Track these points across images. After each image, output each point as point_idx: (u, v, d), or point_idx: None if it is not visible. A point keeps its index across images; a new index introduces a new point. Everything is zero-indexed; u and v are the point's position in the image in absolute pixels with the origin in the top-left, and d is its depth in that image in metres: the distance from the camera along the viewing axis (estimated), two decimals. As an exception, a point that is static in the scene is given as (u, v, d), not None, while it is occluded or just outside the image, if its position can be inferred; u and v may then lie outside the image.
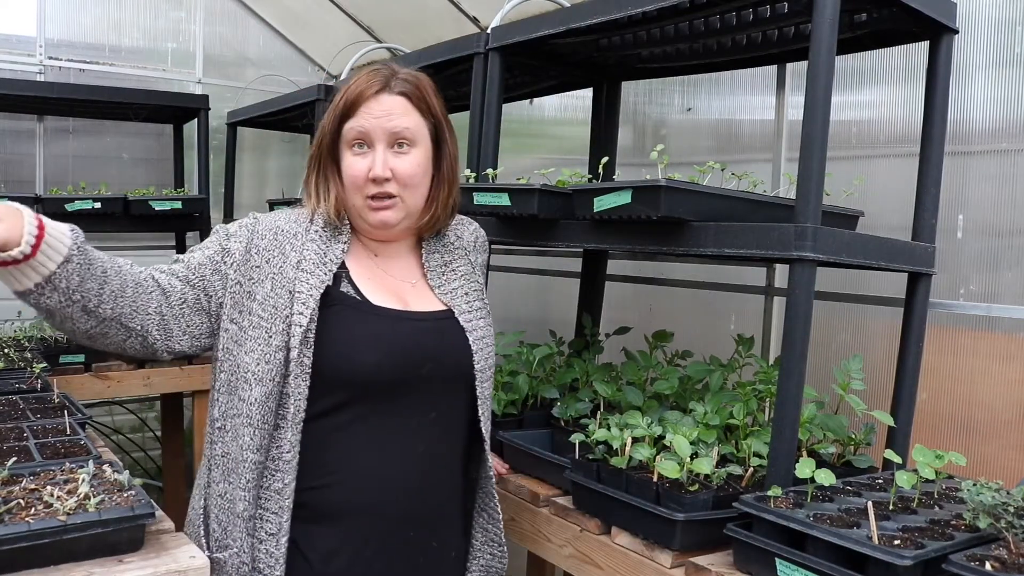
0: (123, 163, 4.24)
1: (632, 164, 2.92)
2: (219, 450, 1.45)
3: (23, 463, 1.53)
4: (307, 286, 1.44)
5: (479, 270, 1.69)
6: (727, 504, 1.47)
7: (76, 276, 1.26)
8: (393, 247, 1.58)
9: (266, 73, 4.45)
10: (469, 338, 1.54)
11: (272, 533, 1.42)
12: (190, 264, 1.45)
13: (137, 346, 1.38)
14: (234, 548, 1.41)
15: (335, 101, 1.51)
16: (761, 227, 1.51)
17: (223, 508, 1.43)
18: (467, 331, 1.54)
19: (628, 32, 2.02)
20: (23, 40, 3.91)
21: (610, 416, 1.78)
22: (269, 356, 1.41)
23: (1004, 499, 1.24)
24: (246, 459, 1.41)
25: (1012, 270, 2.00)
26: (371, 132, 1.47)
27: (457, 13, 3.49)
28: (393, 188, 1.48)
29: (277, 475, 1.42)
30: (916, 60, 2.13)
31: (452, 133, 1.57)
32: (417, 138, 1.49)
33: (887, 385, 1.82)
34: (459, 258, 1.64)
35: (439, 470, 1.54)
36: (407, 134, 1.48)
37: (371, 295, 1.50)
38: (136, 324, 1.35)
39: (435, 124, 1.53)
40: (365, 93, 1.48)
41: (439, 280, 1.59)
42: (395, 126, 1.47)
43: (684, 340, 2.30)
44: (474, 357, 1.54)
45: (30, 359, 2.54)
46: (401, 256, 1.60)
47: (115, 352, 1.42)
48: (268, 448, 1.42)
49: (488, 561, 1.64)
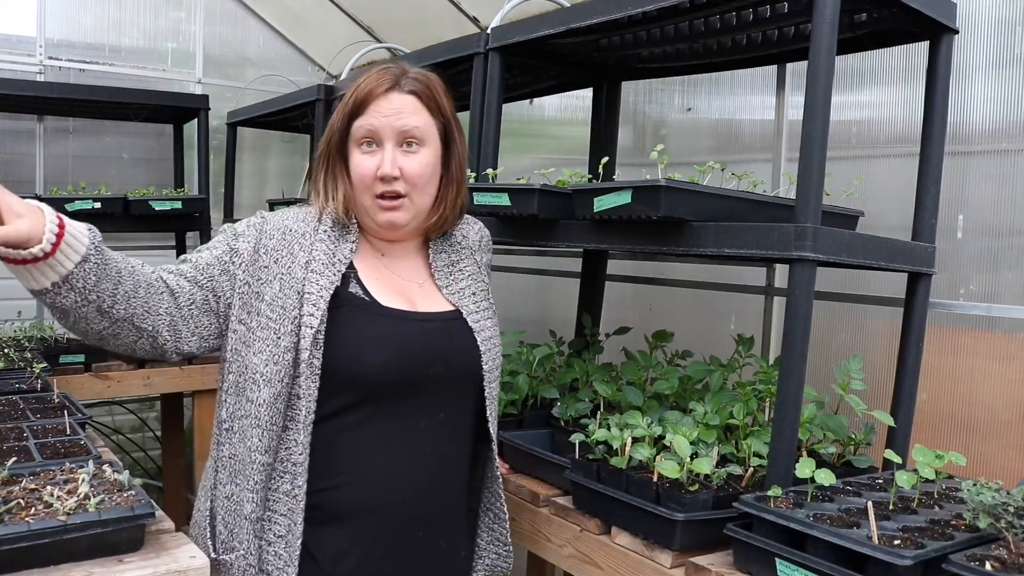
0: (123, 163, 4.24)
1: (632, 164, 2.92)
2: (226, 452, 1.44)
3: (23, 463, 1.53)
4: (317, 287, 1.43)
5: (484, 270, 1.69)
6: (727, 504, 1.47)
7: (93, 276, 1.25)
8: (400, 247, 1.58)
9: (266, 73, 4.45)
10: (477, 338, 1.54)
11: (281, 535, 1.41)
12: (198, 264, 1.44)
13: (147, 347, 1.37)
14: (240, 550, 1.40)
15: (344, 99, 1.50)
16: (761, 227, 1.51)
17: (230, 510, 1.43)
18: (475, 331, 1.54)
19: (628, 32, 2.02)
20: (23, 40, 3.91)
21: (610, 416, 1.78)
22: (278, 357, 1.40)
23: (1004, 499, 1.24)
24: (254, 460, 1.40)
25: (1012, 270, 2.00)
26: (380, 130, 1.46)
27: (457, 13, 3.49)
28: (401, 187, 1.47)
29: (286, 477, 1.42)
30: (916, 60, 2.14)
31: (461, 133, 1.56)
32: (426, 137, 1.48)
33: (887, 385, 1.82)
34: (466, 258, 1.64)
35: (447, 470, 1.54)
36: (416, 133, 1.47)
37: (379, 296, 1.49)
38: (147, 325, 1.34)
39: (445, 124, 1.51)
40: (375, 91, 1.47)
41: (446, 280, 1.58)
42: (404, 125, 1.46)
43: (684, 340, 2.30)
44: (482, 358, 1.53)
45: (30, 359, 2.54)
46: (408, 256, 1.59)
47: (125, 353, 1.41)
48: (276, 450, 1.42)
49: (493, 561, 1.64)
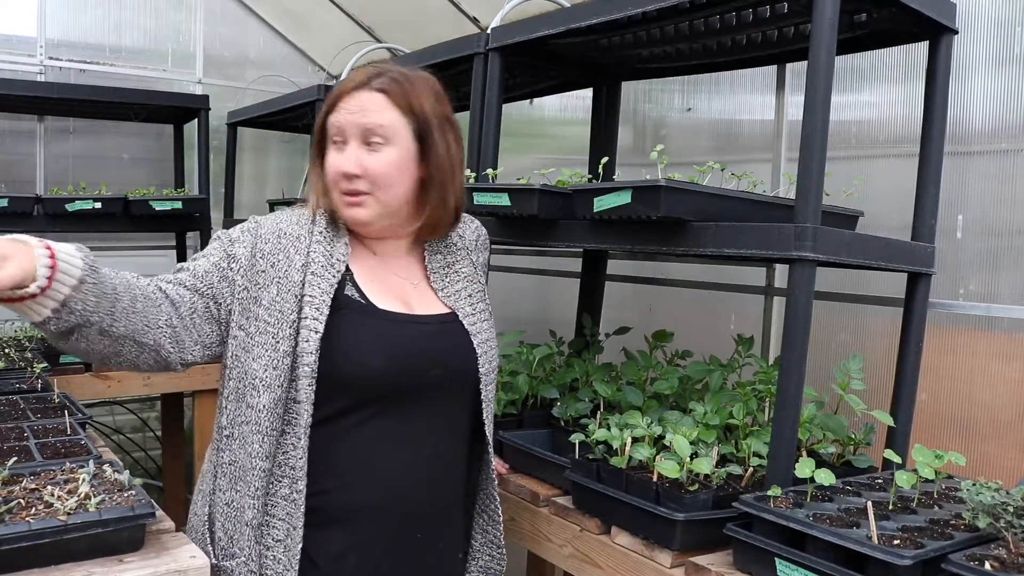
0: (123, 163, 4.24)
1: (632, 164, 2.92)
2: (227, 458, 1.44)
3: (23, 463, 1.53)
4: (318, 290, 1.43)
5: (480, 269, 1.69)
6: (727, 504, 1.47)
7: (92, 296, 1.23)
8: (392, 245, 1.57)
9: (266, 73, 4.45)
10: (473, 341, 1.54)
11: (279, 539, 1.41)
12: (196, 272, 1.43)
13: (151, 361, 1.35)
14: (241, 557, 1.40)
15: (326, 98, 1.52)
16: (761, 227, 1.51)
17: (230, 517, 1.42)
18: (471, 334, 1.54)
19: (628, 32, 2.02)
20: (23, 40, 3.91)
21: (610, 416, 1.79)
22: (276, 362, 1.40)
23: (1003, 499, 1.24)
24: (255, 467, 1.40)
25: (1011, 270, 2.00)
26: (345, 128, 1.46)
27: (457, 13, 3.49)
28: (363, 185, 1.46)
29: (284, 481, 1.42)
30: (916, 59, 2.13)
31: (452, 133, 1.53)
32: (392, 136, 1.46)
33: (887, 385, 1.82)
34: (462, 259, 1.63)
35: (445, 472, 1.54)
36: (380, 131, 1.45)
37: (375, 298, 1.49)
38: (148, 339, 1.32)
39: (419, 123, 1.48)
40: (344, 89, 1.48)
41: (442, 282, 1.58)
42: (368, 122, 1.45)
43: (684, 340, 2.30)
44: (479, 360, 1.54)
45: (30, 359, 2.54)
46: (401, 256, 1.59)
47: (128, 369, 1.37)
48: (275, 455, 1.42)
49: (487, 563, 1.64)
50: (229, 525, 1.42)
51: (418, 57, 2.53)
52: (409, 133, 1.48)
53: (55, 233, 3.85)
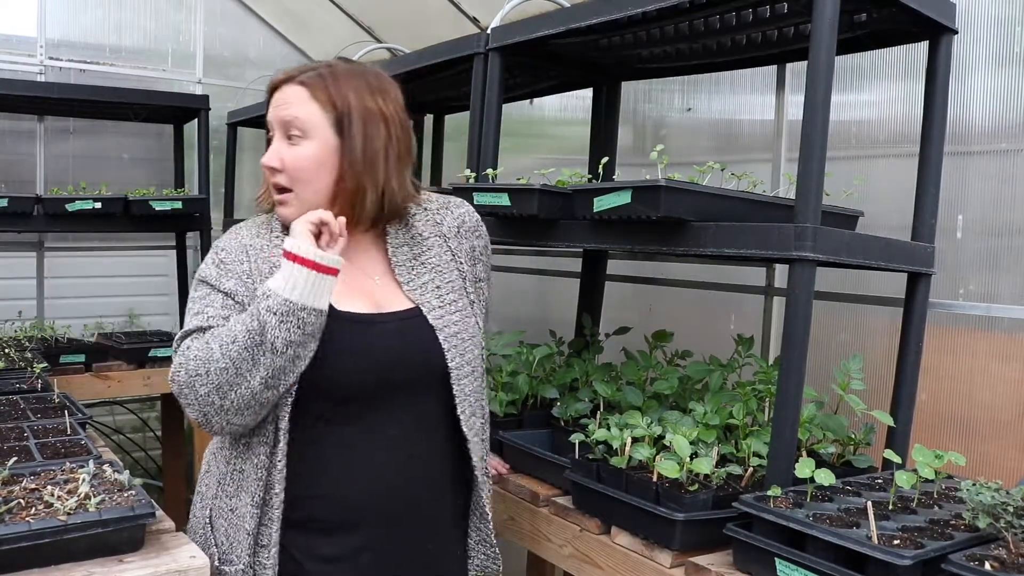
0: (123, 163, 4.24)
1: (632, 164, 2.92)
2: (236, 467, 1.44)
3: (23, 463, 1.53)
4: None
5: (463, 257, 1.58)
6: (727, 504, 1.47)
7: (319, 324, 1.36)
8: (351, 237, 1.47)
9: (266, 73, 4.40)
10: (439, 336, 1.48)
11: (264, 544, 1.41)
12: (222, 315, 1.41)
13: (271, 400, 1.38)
14: (239, 564, 1.40)
15: None
16: (761, 227, 1.51)
17: (233, 523, 1.42)
18: (436, 329, 1.48)
19: (628, 32, 2.02)
20: (23, 40, 3.90)
21: (610, 416, 1.79)
22: None
23: (1003, 499, 1.24)
24: (260, 477, 1.40)
25: (1011, 270, 2.00)
26: (273, 122, 1.46)
27: (457, 13, 3.49)
28: (283, 180, 1.44)
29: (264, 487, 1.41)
30: (916, 59, 2.13)
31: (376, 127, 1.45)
32: (309, 129, 1.43)
33: (887, 385, 1.82)
34: (431, 248, 1.55)
35: (424, 472, 1.50)
36: (297, 124, 1.42)
37: (338, 298, 1.43)
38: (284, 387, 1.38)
39: (339, 116, 1.42)
40: (274, 83, 1.48)
41: (407, 276, 1.52)
42: (286, 115, 1.43)
43: (684, 340, 2.30)
44: (447, 355, 1.48)
45: (30, 359, 2.55)
46: (362, 248, 1.52)
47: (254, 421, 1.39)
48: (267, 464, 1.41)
49: (483, 562, 1.61)
50: (231, 532, 1.42)
51: (418, 57, 2.53)
52: (329, 127, 1.44)
53: (55, 233, 3.87)
